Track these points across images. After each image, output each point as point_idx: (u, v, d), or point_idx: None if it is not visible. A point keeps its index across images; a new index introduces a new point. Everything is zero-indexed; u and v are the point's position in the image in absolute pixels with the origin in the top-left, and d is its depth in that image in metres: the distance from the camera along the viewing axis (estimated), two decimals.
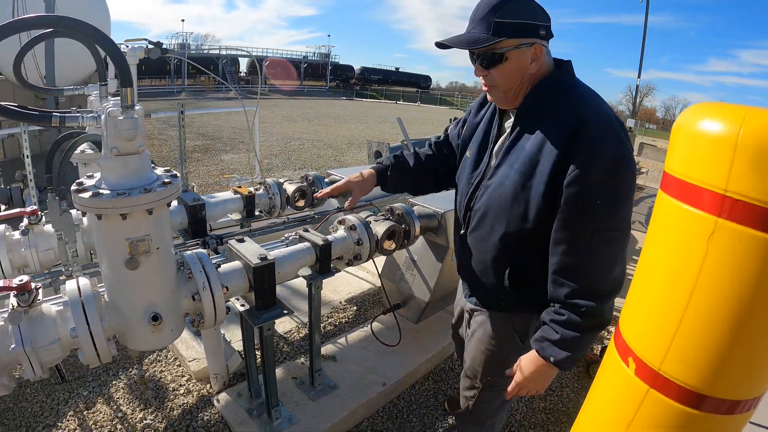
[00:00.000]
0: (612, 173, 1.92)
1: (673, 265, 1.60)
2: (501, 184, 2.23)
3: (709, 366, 1.52)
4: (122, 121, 1.94)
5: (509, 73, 2.15)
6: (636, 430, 1.78)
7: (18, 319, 2.08)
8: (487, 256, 2.40)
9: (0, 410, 3.97)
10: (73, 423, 3.78)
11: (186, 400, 3.99)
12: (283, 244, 3.24)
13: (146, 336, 2.27)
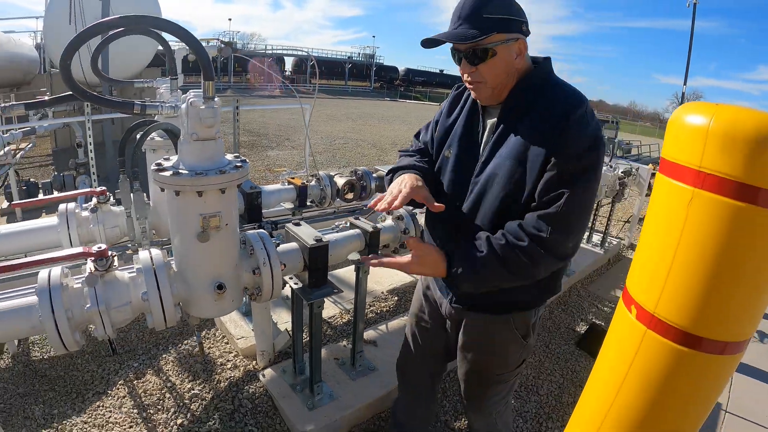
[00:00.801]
0: (593, 150, 2.09)
1: (664, 226, 1.98)
2: (493, 174, 2.26)
3: (693, 308, 1.88)
4: (203, 110, 2.19)
5: (498, 69, 2.20)
6: (636, 368, 2.07)
7: (94, 282, 2.34)
8: None
9: (52, 378, 4.27)
10: (122, 391, 4.06)
11: (233, 374, 4.25)
12: (333, 231, 3.44)
13: (209, 304, 2.50)
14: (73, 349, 2.37)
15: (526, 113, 2.21)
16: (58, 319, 2.25)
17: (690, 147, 1.83)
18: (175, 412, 3.82)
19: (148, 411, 3.85)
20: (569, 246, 2.19)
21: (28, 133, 8.50)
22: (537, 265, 2.17)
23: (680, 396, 2.02)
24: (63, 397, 4.07)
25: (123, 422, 3.75)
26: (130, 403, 3.93)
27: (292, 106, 8.51)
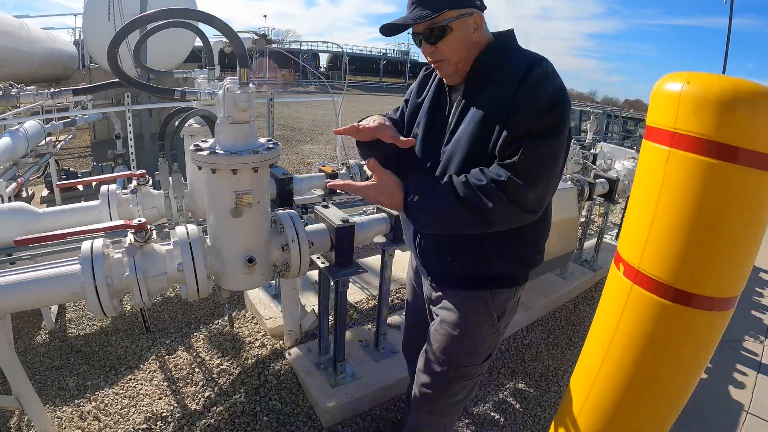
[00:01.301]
0: (554, 108, 2.05)
1: (646, 186, 2.18)
2: (457, 140, 2.25)
3: (675, 262, 2.05)
4: (239, 95, 2.36)
5: (456, 44, 2.21)
6: (624, 322, 2.24)
7: (134, 252, 2.52)
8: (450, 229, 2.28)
9: (87, 353, 4.45)
10: (154, 365, 4.23)
11: (260, 352, 4.40)
12: (361, 215, 3.58)
13: (240, 277, 2.65)
14: (111, 315, 2.54)
15: (488, 81, 2.22)
16: (98, 285, 2.43)
17: (666, 111, 2.04)
18: (203, 386, 3.98)
19: (177, 384, 4.02)
20: (530, 197, 2.07)
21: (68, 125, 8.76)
22: (495, 206, 2.04)
23: (668, 351, 2.14)
24: (97, 371, 4.25)
25: (153, 394, 3.92)
26: (160, 376, 4.11)
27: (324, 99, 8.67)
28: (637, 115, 24.25)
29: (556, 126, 2.08)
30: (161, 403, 3.80)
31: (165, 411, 3.71)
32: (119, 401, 3.88)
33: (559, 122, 2.09)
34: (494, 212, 2.06)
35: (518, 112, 2.05)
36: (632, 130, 22.03)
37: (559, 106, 2.09)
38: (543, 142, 2.05)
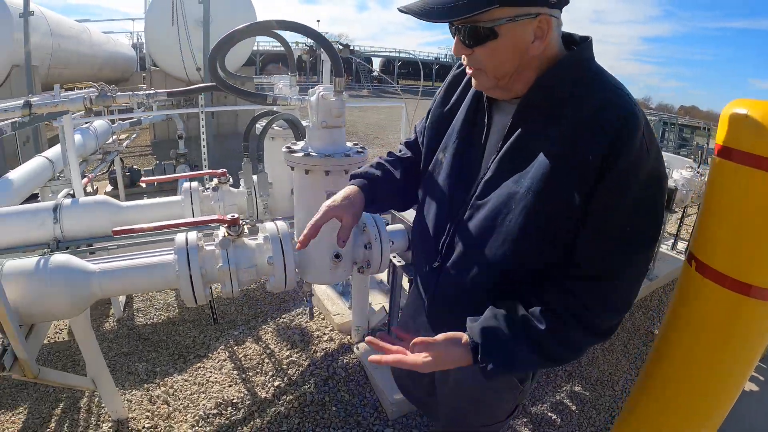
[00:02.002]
0: (652, 191, 1.55)
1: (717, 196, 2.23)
2: (503, 205, 1.65)
3: (742, 259, 2.13)
4: (334, 102, 2.50)
5: (501, 55, 1.58)
6: (695, 313, 2.32)
7: (227, 245, 2.67)
8: (482, 299, 1.76)
9: (155, 341, 4.64)
10: (223, 355, 4.39)
11: (328, 345, 4.54)
12: None
13: (325, 272, 2.77)
14: (201, 303, 2.68)
15: (554, 119, 1.59)
16: (193, 274, 2.57)
17: (738, 133, 2.08)
18: (273, 375, 4.12)
19: (247, 373, 4.17)
20: (620, 321, 1.70)
21: (134, 124, 8.99)
22: (584, 351, 1.76)
23: (732, 339, 2.25)
24: (165, 358, 4.43)
25: (222, 381, 4.07)
26: (230, 365, 4.26)
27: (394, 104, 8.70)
28: (693, 122, 23.54)
29: (656, 224, 1.61)
30: (231, 391, 3.95)
31: (235, 398, 3.86)
32: (188, 387, 4.03)
33: (659, 209, 1.60)
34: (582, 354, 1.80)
35: (611, 202, 1.51)
36: (688, 139, 21.44)
37: (660, 194, 1.59)
38: (640, 251, 1.59)
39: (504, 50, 1.56)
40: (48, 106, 3.02)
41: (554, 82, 1.60)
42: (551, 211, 1.57)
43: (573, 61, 1.62)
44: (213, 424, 3.65)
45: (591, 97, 1.55)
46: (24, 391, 4.16)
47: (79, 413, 3.87)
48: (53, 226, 3.52)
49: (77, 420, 3.80)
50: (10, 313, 2.32)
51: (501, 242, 1.66)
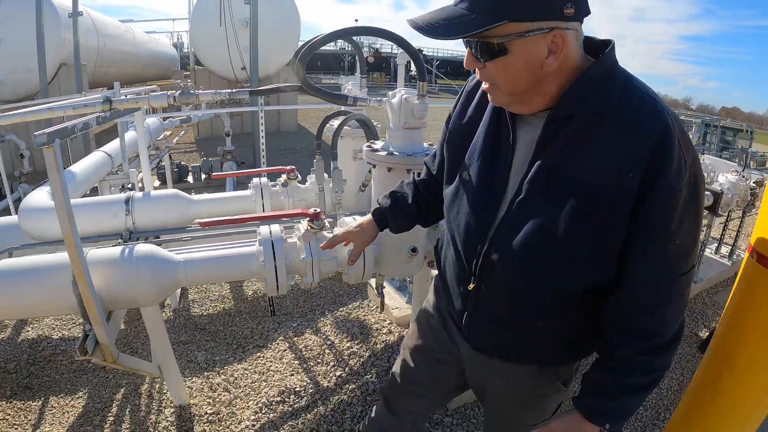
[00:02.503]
0: (690, 201, 1.46)
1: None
2: (543, 228, 1.55)
3: None
4: (417, 105, 2.56)
5: (513, 72, 1.49)
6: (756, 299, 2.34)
7: (309, 238, 2.73)
8: (529, 317, 1.76)
9: (212, 331, 4.72)
10: (283, 345, 4.45)
11: (387, 338, 4.60)
12: None
13: (400, 265, 2.84)
14: (282, 293, 2.75)
15: (586, 134, 1.49)
16: (278, 264, 2.65)
17: None
18: (335, 366, 4.18)
19: (308, 363, 4.23)
20: (680, 326, 1.66)
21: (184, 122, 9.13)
22: (666, 367, 1.68)
23: None
24: (224, 348, 4.50)
25: (284, 371, 4.13)
26: (290, 355, 4.33)
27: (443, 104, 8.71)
28: (735, 124, 22.65)
29: (699, 229, 1.58)
30: (293, 379, 4.01)
31: (298, 386, 3.92)
32: (249, 376, 4.10)
33: (700, 226, 1.57)
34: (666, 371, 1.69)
35: (656, 221, 1.45)
36: (731, 141, 20.67)
37: (700, 200, 1.52)
38: (689, 263, 1.57)
39: (516, 67, 1.47)
40: (129, 102, 3.08)
41: (582, 95, 1.48)
42: (594, 231, 1.49)
43: (599, 71, 1.49)
44: (276, 411, 3.71)
45: (623, 108, 1.46)
46: (83, 376, 4.24)
47: (140, 399, 3.96)
48: (125, 218, 3.62)
49: (138, 405, 3.88)
50: (96, 299, 2.40)
51: (545, 263, 1.60)
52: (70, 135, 2.30)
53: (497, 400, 2.13)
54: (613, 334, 1.67)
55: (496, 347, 1.93)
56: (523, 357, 1.91)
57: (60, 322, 5.05)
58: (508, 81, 1.51)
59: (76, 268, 2.32)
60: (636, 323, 1.61)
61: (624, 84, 1.49)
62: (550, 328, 1.76)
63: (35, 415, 3.82)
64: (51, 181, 2.09)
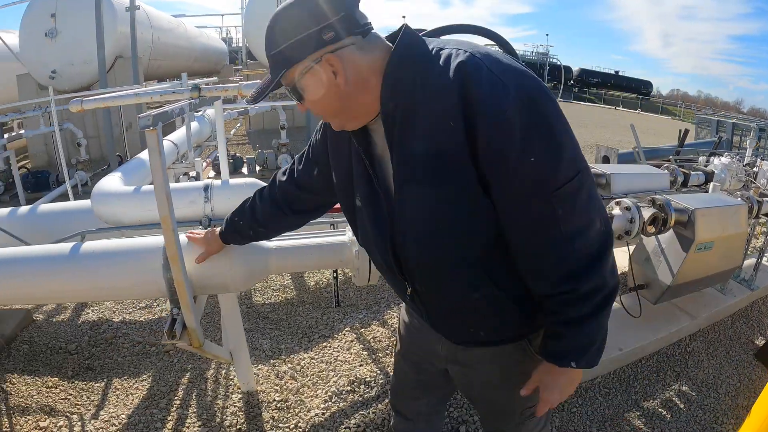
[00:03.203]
0: (530, 118, 1.38)
1: None
2: (416, 210, 1.60)
3: None
4: None
5: (319, 103, 1.59)
6: None
7: None
8: (462, 295, 1.74)
9: (275, 320, 4.73)
10: (350, 336, 4.42)
11: None
12: None
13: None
14: (373, 282, 2.71)
15: (414, 110, 1.51)
16: None
17: None
18: None
19: (376, 354, 4.19)
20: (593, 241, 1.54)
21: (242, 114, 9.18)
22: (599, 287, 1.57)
23: None
24: (289, 336, 4.50)
25: (352, 361, 4.10)
26: (358, 346, 4.29)
27: None
28: None
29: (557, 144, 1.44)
30: (362, 370, 3.97)
31: (368, 377, 3.88)
32: (316, 365, 4.08)
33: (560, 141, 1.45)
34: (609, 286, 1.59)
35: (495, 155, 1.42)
36: None
37: (544, 114, 1.43)
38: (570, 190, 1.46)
39: (318, 97, 1.57)
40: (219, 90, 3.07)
41: (392, 87, 1.53)
42: (452, 192, 1.51)
43: (396, 62, 1.52)
44: (347, 400, 3.68)
45: (427, 75, 1.48)
46: (146, 360, 4.31)
47: (206, 383, 3.98)
48: (204, 205, 3.60)
49: (205, 390, 3.90)
50: (188, 284, 2.38)
51: (440, 242, 1.63)
52: (170, 119, 2.30)
53: (486, 388, 2.11)
54: (527, 277, 1.64)
55: (463, 335, 1.93)
56: (491, 337, 1.88)
57: (120, 306, 5.13)
58: (324, 109, 1.62)
59: (170, 252, 2.30)
60: (536, 257, 1.58)
61: (422, 58, 1.51)
62: (491, 299, 1.72)
63: (98, 396, 3.87)
64: (151, 163, 2.07)
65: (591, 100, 60.50)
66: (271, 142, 10.53)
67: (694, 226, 4.04)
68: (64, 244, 2.83)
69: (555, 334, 1.69)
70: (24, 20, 12.10)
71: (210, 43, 22.52)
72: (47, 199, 7.54)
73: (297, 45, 1.49)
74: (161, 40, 15.20)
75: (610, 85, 68.92)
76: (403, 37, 1.54)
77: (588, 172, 1.51)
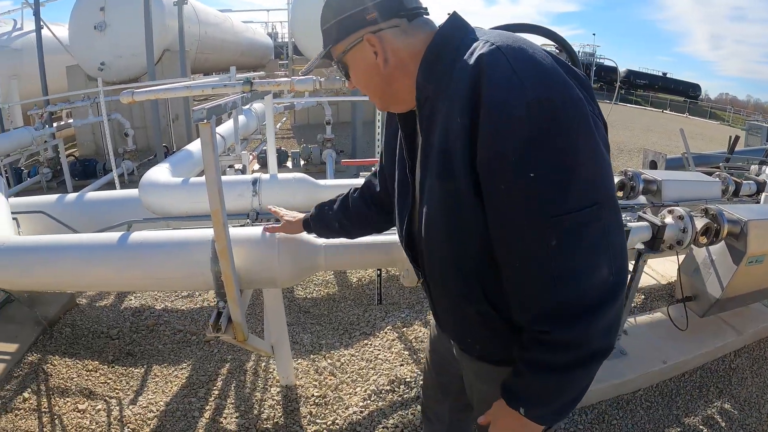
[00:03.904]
0: (541, 125, 1.21)
1: None
2: (428, 205, 1.55)
3: None
4: None
5: (362, 80, 1.62)
6: None
7: None
8: (459, 303, 1.64)
9: (316, 315, 4.71)
10: (391, 335, 4.36)
11: None
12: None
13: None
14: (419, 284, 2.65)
15: (438, 104, 1.45)
16: None
17: None
18: None
19: (417, 354, 4.13)
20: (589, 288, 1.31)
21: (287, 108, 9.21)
22: (579, 342, 1.34)
23: None
24: (330, 332, 4.46)
25: (393, 360, 4.04)
26: (400, 345, 4.23)
27: None
28: None
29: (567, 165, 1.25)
30: (403, 369, 3.91)
31: (408, 377, 3.82)
32: (356, 362, 4.04)
33: (579, 146, 1.26)
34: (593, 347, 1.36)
35: (491, 160, 1.29)
36: None
37: (558, 123, 1.24)
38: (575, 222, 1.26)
39: (360, 76, 1.62)
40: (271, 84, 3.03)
41: (425, 77, 1.49)
42: (451, 194, 1.44)
43: (433, 48, 1.49)
44: (385, 399, 3.63)
45: (454, 70, 1.40)
46: (186, 348, 4.32)
47: (245, 375, 3.96)
48: (252, 198, 3.58)
49: (244, 381, 3.89)
50: (236, 278, 2.35)
51: (432, 238, 1.58)
52: (223, 112, 2.26)
53: (482, 405, 1.84)
54: (511, 300, 1.48)
55: (464, 343, 1.83)
56: (488, 354, 1.74)
57: (163, 294, 5.16)
58: (367, 88, 1.64)
59: (219, 246, 2.26)
60: (517, 282, 1.41)
61: (457, 46, 1.44)
62: (486, 316, 1.58)
63: (137, 381, 3.89)
64: (204, 157, 2.03)
65: (638, 102, 57.56)
66: (316, 136, 10.56)
67: (747, 239, 3.89)
68: (112, 234, 2.85)
69: (518, 370, 1.49)
70: (73, 13, 12.47)
71: (256, 37, 22.71)
72: (94, 186, 7.68)
73: (342, 23, 1.52)
74: (208, 34, 15.35)
75: (657, 88, 65.47)
76: (445, 24, 1.52)
77: (611, 209, 1.31)
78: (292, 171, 9.39)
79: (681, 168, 6.52)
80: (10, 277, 2.84)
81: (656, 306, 5.20)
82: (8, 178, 8.54)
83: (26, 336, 4.29)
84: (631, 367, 3.99)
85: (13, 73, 12.34)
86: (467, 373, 1.95)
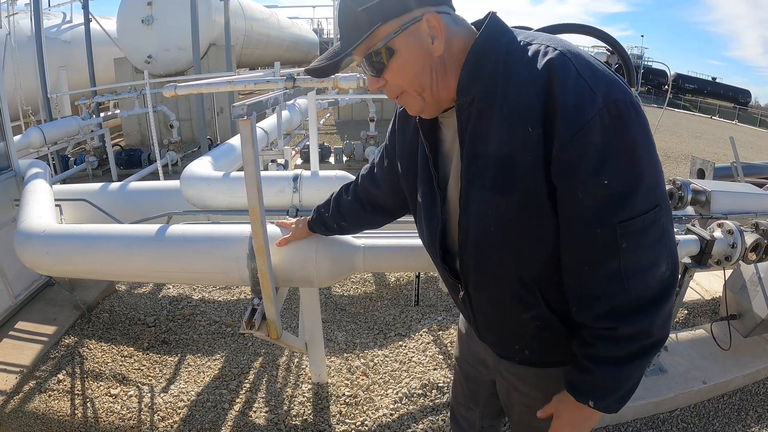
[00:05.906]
0: (612, 133, 1.23)
1: None
2: (481, 215, 1.46)
3: None
4: None
5: (410, 68, 1.40)
6: None
7: None
8: (512, 312, 1.61)
9: (352, 313, 4.66)
10: (427, 338, 4.27)
11: None
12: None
13: None
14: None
15: (491, 106, 1.36)
16: None
17: None
18: None
19: (452, 359, 4.05)
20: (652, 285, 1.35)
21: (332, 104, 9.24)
22: (643, 334, 1.39)
23: None
24: (365, 331, 4.40)
25: (427, 364, 3.96)
26: (434, 349, 4.14)
27: None
28: None
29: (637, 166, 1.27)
30: (436, 374, 3.83)
31: (441, 382, 3.73)
32: (389, 363, 3.97)
33: (643, 149, 1.27)
34: (655, 338, 1.40)
35: (570, 168, 1.28)
36: None
37: (628, 129, 1.25)
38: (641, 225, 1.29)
39: (410, 62, 1.39)
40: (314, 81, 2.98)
41: (472, 76, 1.38)
42: (520, 203, 1.38)
43: (480, 48, 1.38)
44: (417, 403, 3.55)
45: (510, 71, 1.33)
46: (221, 340, 4.30)
47: (277, 370, 3.93)
48: (292, 195, 3.54)
49: (275, 376, 3.86)
50: (272, 276, 2.30)
51: (490, 248, 1.50)
52: (264, 109, 2.21)
53: (525, 412, 1.91)
54: (571, 301, 1.48)
55: (509, 350, 1.79)
56: (537, 358, 1.73)
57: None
58: (411, 79, 1.42)
59: (257, 242, 2.21)
60: (584, 284, 1.41)
61: (508, 48, 1.37)
62: (542, 319, 1.58)
63: (170, 370, 3.90)
64: (244, 154, 1.98)
65: (686, 107, 55.62)
66: (359, 133, 10.58)
67: None
68: (150, 225, 2.83)
69: (583, 366, 1.50)
70: (121, 7, 12.69)
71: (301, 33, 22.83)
72: (138, 176, 7.78)
73: None
74: (254, 30, 15.46)
75: (705, 93, 62.47)
76: (490, 23, 1.41)
77: (667, 208, 1.35)
78: (334, 167, 9.41)
79: (729, 177, 6.33)
80: (49, 263, 2.84)
81: (699, 322, 5.01)
82: (55, 165, 8.65)
83: (65, 319, 4.34)
84: (669, 385, 3.85)
85: (62, 64, 12.64)
86: (506, 378, 1.91)
